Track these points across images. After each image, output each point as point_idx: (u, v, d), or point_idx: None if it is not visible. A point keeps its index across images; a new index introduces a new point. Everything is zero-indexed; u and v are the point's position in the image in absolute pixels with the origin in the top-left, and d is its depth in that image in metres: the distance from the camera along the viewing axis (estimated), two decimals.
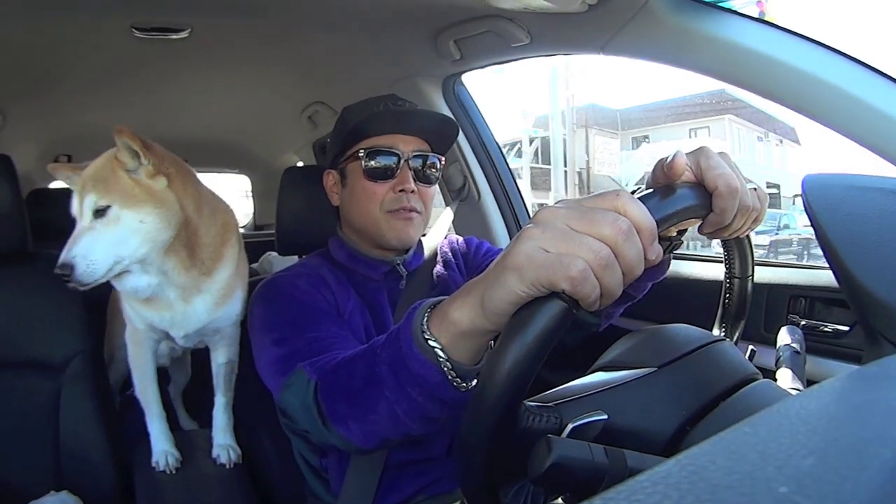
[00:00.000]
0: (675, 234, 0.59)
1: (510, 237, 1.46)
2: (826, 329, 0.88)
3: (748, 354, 0.57)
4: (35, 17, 1.10)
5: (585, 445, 0.39)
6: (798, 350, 0.58)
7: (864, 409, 0.25)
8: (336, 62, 1.42)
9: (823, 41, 0.78)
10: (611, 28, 0.91)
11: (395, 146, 0.87)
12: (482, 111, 1.48)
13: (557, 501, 0.46)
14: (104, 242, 0.82)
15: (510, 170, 1.51)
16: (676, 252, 0.63)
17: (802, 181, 0.45)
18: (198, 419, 1.47)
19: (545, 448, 0.37)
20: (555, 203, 0.40)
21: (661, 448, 0.42)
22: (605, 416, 0.42)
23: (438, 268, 0.96)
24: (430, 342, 0.47)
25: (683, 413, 0.43)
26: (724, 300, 0.62)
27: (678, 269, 1.09)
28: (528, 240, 0.37)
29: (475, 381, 0.49)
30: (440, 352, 0.47)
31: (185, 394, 1.49)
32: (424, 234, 1.02)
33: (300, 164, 2.30)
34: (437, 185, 0.94)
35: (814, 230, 0.43)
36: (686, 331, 0.52)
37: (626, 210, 0.37)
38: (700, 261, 1.14)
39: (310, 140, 2.10)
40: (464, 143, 1.44)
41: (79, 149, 2.10)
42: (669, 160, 0.43)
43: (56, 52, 1.29)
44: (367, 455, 0.79)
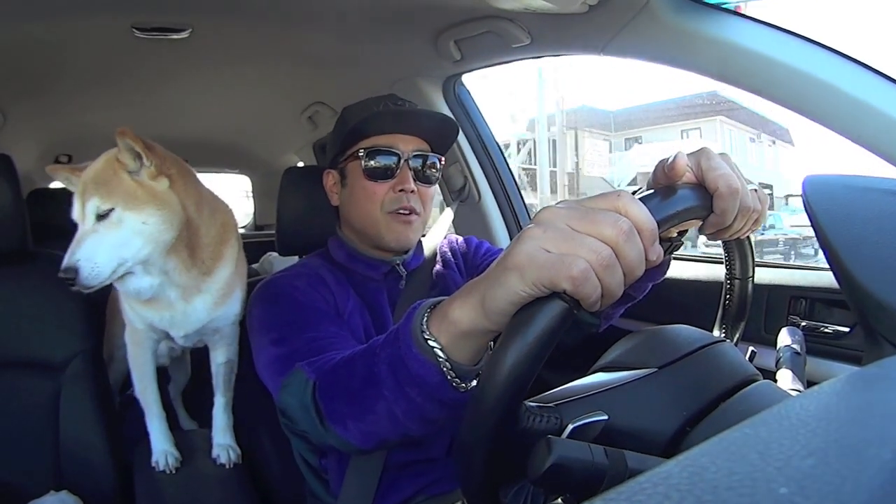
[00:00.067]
0: (676, 236, 0.59)
1: (510, 238, 1.46)
2: (826, 330, 0.88)
3: (748, 355, 0.57)
4: (36, 18, 1.10)
5: (585, 446, 0.39)
6: (798, 351, 0.58)
7: (865, 411, 0.25)
8: (336, 62, 1.42)
9: (823, 42, 0.78)
10: (611, 29, 0.91)
11: (395, 146, 0.87)
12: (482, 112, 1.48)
13: (557, 502, 0.46)
14: (108, 245, 0.82)
15: (510, 170, 1.51)
16: (676, 253, 0.63)
17: (803, 182, 0.45)
18: (198, 419, 1.47)
19: (545, 448, 0.37)
20: (556, 203, 0.40)
21: (662, 449, 0.42)
22: (606, 417, 0.42)
23: (438, 268, 0.96)
24: (430, 342, 0.47)
25: (684, 414, 0.43)
26: (725, 301, 0.62)
27: (678, 270, 1.09)
28: (530, 240, 0.37)
29: (474, 382, 0.49)
30: (440, 352, 0.47)
31: (185, 394, 1.49)
32: (424, 235, 1.02)
33: (300, 165, 2.30)
34: (437, 186, 0.94)
35: (814, 231, 0.43)
36: (686, 332, 0.52)
37: (628, 210, 0.37)
38: (700, 262, 1.14)
39: (310, 140, 2.10)
40: (464, 144, 1.44)
41: (79, 149, 2.10)
42: (670, 161, 0.43)
43: (56, 52, 1.29)
44: (367, 456, 0.79)
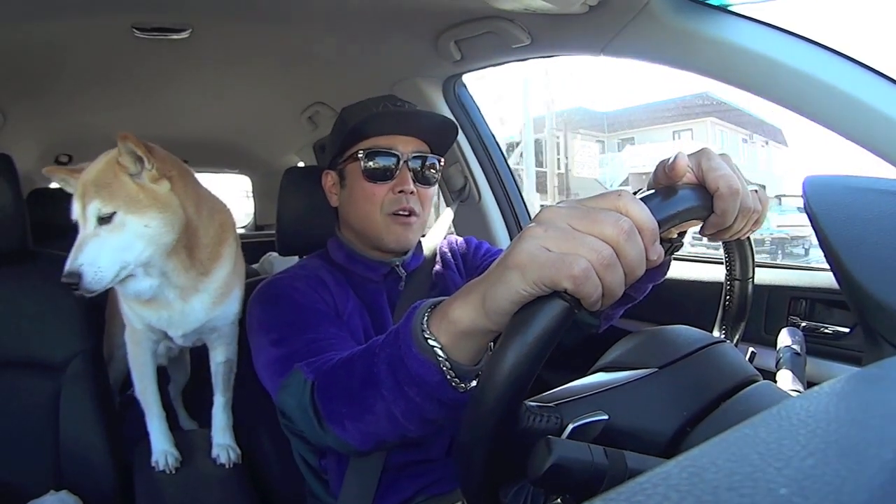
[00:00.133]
0: (676, 236, 0.59)
1: (511, 238, 1.46)
2: (826, 330, 0.88)
3: (748, 356, 0.57)
4: (36, 18, 1.10)
5: (585, 446, 0.39)
6: (798, 351, 0.58)
7: (865, 411, 0.25)
8: (337, 62, 1.42)
9: (823, 42, 0.78)
10: (611, 29, 0.91)
11: (395, 147, 0.87)
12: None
13: (557, 502, 0.46)
14: (110, 248, 0.82)
15: (511, 171, 1.51)
16: (677, 254, 0.63)
17: (802, 182, 0.45)
18: (198, 419, 1.47)
19: (545, 449, 0.37)
20: (557, 203, 0.40)
21: (662, 449, 0.42)
22: (606, 417, 0.42)
23: (438, 268, 0.96)
24: (430, 341, 0.47)
25: (684, 414, 0.43)
26: (725, 302, 0.62)
27: (679, 271, 1.09)
28: (531, 239, 0.38)
29: (474, 382, 0.49)
30: (440, 351, 0.47)
31: (185, 393, 1.49)
32: (424, 235, 1.02)
33: (301, 165, 2.30)
34: (437, 186, 0.94)
35: (814, 231, 0.43)
36: (686, 332, 0.52)
37: (628, 210, 0.37)
38: (700, 262, 1.14)
39: (310, 140, 2.10)
40: (464, 144, 1.44)
41: (79, 149, 2.11)
42: (671, 161, 0.43)
43: (56, 52, 1.29)
44: (367, 456, 0.79)
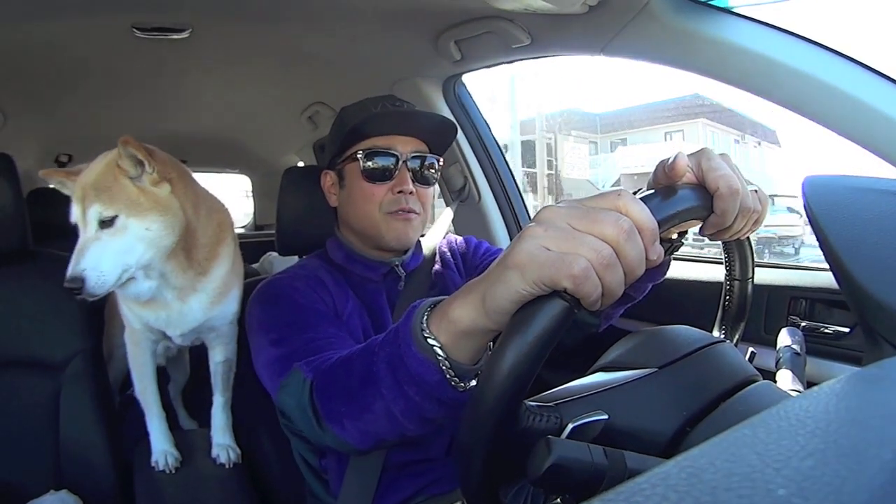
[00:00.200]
0: (676, 236, 0.59)
1: (510, 238, 1.46)
2: (826, 330, 0.88)
3: (748, 356, 0.57)
4: (36, 18, 1.10)
5: (585, 446, 0.39)
6: (798, 351, 0.58)
7: (864, 411, 0.25)
8: (336, 62, 1.42)
9: (823, 42, 0.78)
10: (611, 29, 0.91)
11: (394, 147, 0.87)
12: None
13: (557, 502, 0.46)
14: (112, 252, 0.82)
15: (510, 171, 1.51)
16: (676, 253, 0.63)
17: (802, 182, 0.45)
18: (198, 419, 1.47)
19: (545, 449, 0.37)
20: (557, 202, 0.40)
21: (661, 449, 0.42)
22: (606, 417, 0.42)
23: (437, 268, 0.96)
24: (430, 341, 0.47)
25: (683, 414, 0.43)
26: (725, 302, 0.62)
27: (678, 271, 1.09)
28: (531, 238, 0.38)
29: (473, 382, 0.49)
30: (439, 350, 0.47)
31: (185, 393, 1.49)
32: (423, 235, 1.02)
33: (300, 165, 2.30)
34: (437, 186, 0.94)
35: (814, 231, 0.43)
36: (686, 332, 0.51)
37: (628, 210, 0.37)
38: (700, 262, 1.14)
39: (310, 140, 2.11)
40: (464, 144, 1.44)
41: (79, 148, 2.11)
42: (671, 161, 0.43)
43: (57, 52, 1.29)
44: (367, 456, 0.79)
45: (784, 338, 0.60)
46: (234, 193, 3.10)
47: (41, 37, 1.20)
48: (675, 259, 0.76)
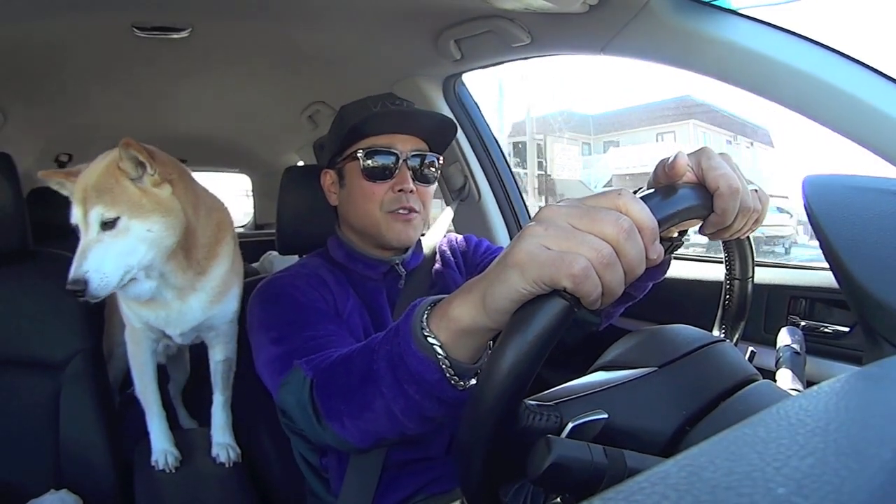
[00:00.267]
0: (676, 235, 0.59)
1: (510, 237, 1.46)
2: (826, 330, 0.88)
3: (748, 355, 0.57)
4: (36, 17, 1.10)
5: (585, 445, 0.39)
6: (798, 351, 0.58)
7: (864, 411, 0.25)
8: (337, 62, 1.42)
9: (824, 42, 0.78)
10: (611, 28, 0.91)
11: (394, 146, 0.87)
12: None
13: (556, 501, 0.46)
14: (114, 254, 0.82)
15: (511, 170, 1.51)
16: (676, 253, 0.63)
17: (802, 182, 0.45)
18: (198, 418, 1.47)
19: (545, 448, 0.37)
20: (557, 201, 0.40)
21: (661, 448, 0.42)
22: (606, 416, 0.42)
23: (438, 267, 0.96)
24: (430, 339, 0.47)
25: (683, 413, 0.43)
26: (725, 301, 0.62)
27: (678, 270, 1.09)
28: (531, 237, 0.38)
29: (473, 381, 0.49)
30: (439, 349, 0.47)
31: (185, 392, 1.49)
32: (423, 234, 1.02)
33: (301, 164, 2.30)
34: (437, 185, 0.94)
35: (814, 231, 0.43)
36: (686, 331, 0.52)
37: (628, 209, 0.37)
38: (700, 262, 1.14)
39: (310, 139, 2.10)
40: (464, 143, 1.44)
41: (80, 147, 2.11)
42: (671, 160, 0.43)
43: (57, 52, 1.29)
44: (367, 454, 0.79)
45: (784, 337, 0.60)
46: (235, 193, 3.10)
47: (41, 36, 1.20)
48: (676, 258, 0.76)
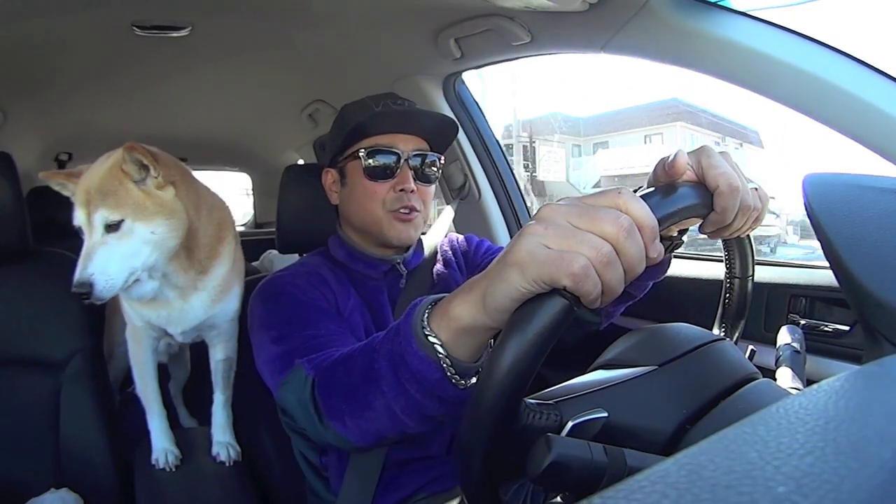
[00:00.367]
0: (676, 234, 0.59)
1: (511, 236, 1.46)
2: (826, 329, 0.88)
3: (748, 354, 0.57)
4: (36, 16, 1.10)
5: (585, 444, 0.39)
6: (798, 349, 0.58)
7: (864, 409, 0.25)
8: (337, 60, 1.41)
9: (824, 40, 0.77)
10: (611, 27, 0.91)
11: (395, 145, 0.87)
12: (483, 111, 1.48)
13: (556, 500, 0.46)
14: (119, 256, 0.82)
15: (511, 169, 1.51)
16: (677, 252, 0.63)
17: (802, 181, 0.45)
18: (198, 417, 1.47)
19: (544, 446, 0.37)
20: (557, 200, 0.40)
21: (661, 447, 0.42)
22: (606, 414, 0.42)
23: (438, 266, 0.97)
24: (430, 338, 0.47)
25: (683, 412, 0.43)
26: (725, 300, 0.62)
27: (678, 269, 1.09)
28: (531, 236, 0.38)
29: (474, 379, 0.49)
30: (440, 348, 0.47)
31: (186, 391, 1.49)
32: (424, 233, 1.02)
33: (301, 163, 2.30)
34: (437, 184, 0.94)
35: (814, 230, 0.43)
36: (686, 330, 0.51)
37: (628, 208, 0.37)
38: (700, 260, 1.14)
39: (310, 138, 2.10)
40: (464, 142, 1.44)
41: (80, 146, 2.11)
42: (671, 159, 0.43)
43: (57, 50, 1.29)
44: (367, 453, 0.79)
45: (784, 336, 0.60)
46: (235, 191, 3.10)
47: (41, 35, 1.20)
48: (676, 257, 0.76)
